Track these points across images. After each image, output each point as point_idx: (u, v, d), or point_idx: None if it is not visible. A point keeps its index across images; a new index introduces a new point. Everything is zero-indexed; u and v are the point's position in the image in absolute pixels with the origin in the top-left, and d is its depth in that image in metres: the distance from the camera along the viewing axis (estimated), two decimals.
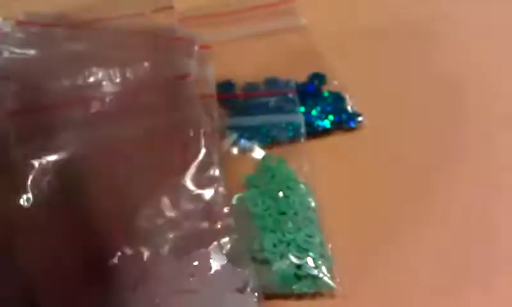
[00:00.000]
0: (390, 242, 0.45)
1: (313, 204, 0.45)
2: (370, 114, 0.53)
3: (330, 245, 0.43)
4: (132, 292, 0.38)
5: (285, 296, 0.42)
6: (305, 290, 0.41)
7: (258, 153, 0.49)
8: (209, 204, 0.42)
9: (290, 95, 0.52)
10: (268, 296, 0.41)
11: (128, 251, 0.39)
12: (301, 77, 0.56)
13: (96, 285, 0.38)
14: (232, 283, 0.39)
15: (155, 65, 0.46)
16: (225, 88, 0.54)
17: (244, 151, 0.50)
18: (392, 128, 0.53)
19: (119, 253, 0.39)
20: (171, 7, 0.56)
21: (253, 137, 0.50)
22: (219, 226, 0.41)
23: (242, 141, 0.50)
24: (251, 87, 0.55)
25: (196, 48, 0.48)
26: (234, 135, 0.49)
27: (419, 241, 0.45)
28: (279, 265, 0.42)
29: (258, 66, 0.57)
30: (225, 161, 0.45)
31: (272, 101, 0.53)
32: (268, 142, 0.50)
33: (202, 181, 0.42)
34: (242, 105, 0.53)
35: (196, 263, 0.39)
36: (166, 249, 0.40)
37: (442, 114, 0.55)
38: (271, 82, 0.55)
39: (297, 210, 0.44)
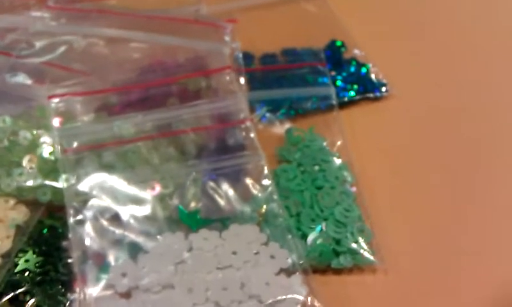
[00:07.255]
0: (430, 213, 0.44)
1: (349, 178, 0.44)
2: (395, 83, 0.52)
3: (370, 220, 0.42)
4: None
5: (323, 271, 0.41)
6: (345, 264, 0.40)
7: (284, 126, 0.48)
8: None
9: (321, 67, 0.50)
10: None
11: None
12: (319, 45, 0.54)
13: None
14: (275, 262, 0.38)
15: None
16: (243, 60, 0.52)
17: (269, 125, 0.48)
18: (418, 96, 0.52)
19: None
20: None
21: (276, 110, 0.48)
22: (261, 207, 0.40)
23: (268, 115, 0.48)
24: (268, 58, 0.53)
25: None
26: (264, 108, 0.47)
27: (461, 212, 0.44)
28: (317, 241, 0.40)
29: (274, 35, 0.56)
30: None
31: (298, 73, 0.51)
32: (292, 115, 0.49)
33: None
34: (263, 77, 0.51)
35: (237, 240, 0.38)
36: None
37: (463, 76, 0.54)
38: (289, 53, 0.54)
39: (333, 184, 0.42)
